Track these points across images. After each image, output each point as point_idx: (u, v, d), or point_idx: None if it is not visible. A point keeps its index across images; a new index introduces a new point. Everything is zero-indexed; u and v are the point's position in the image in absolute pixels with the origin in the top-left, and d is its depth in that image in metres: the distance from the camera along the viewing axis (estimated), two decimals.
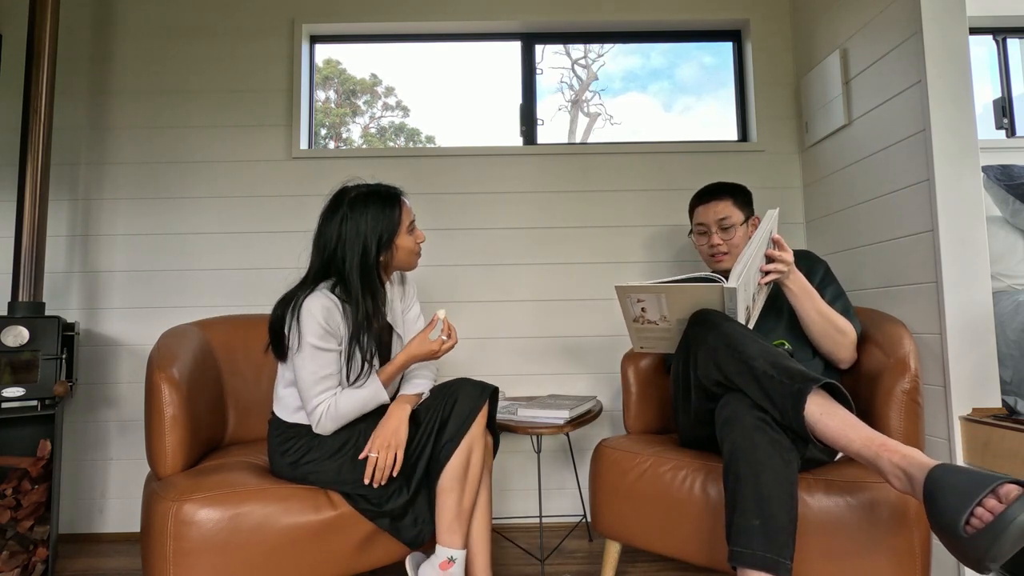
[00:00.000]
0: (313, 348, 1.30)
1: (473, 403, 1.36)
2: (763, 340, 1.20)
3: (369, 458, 1.29)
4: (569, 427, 1.58)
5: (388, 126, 3.11)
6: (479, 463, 1.36)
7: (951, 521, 0.87)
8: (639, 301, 1.31)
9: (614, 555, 1.53)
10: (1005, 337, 1.59)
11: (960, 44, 1.52)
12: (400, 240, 1.40)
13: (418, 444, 1.34)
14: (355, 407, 1.33)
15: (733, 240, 1.59)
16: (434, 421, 1.35)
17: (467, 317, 2.18)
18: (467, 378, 1.42)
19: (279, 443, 1.37)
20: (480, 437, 1.36)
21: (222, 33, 2.25)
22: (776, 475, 1.06)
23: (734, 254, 1.58)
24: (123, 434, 2.10)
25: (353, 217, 1.36)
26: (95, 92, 2.21)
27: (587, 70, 2.58)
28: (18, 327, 1.76)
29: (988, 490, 0.85)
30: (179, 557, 1.19)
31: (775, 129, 2.27)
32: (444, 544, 1.31)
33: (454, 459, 1.32)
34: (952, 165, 1.50)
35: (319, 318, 1.29)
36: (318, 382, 1.31)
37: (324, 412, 1.31)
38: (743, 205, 1.63)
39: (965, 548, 0.85)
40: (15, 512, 1.68)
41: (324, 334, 1.30)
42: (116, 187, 2.18)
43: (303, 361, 1.30)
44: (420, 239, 1.46)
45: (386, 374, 1.36)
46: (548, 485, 2.15)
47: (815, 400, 1.07)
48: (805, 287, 1.39)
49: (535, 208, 2.22)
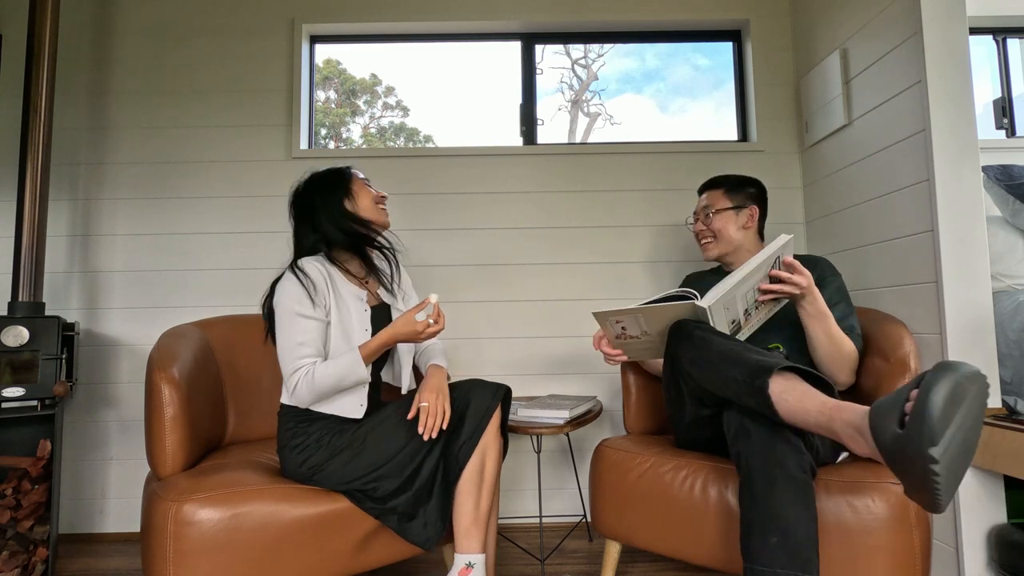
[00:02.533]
0: (291, 314, 1.31)
1: (487, 403, 1.34)
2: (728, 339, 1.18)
3: (421, 408, 1.29)
4: (569, 427, 1.58)
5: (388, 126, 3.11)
6: (493, 466, 1.34)
7: (888, 431, 0.87)
8: (618, 322, 1.33)
9: (614, 555, 1.53)
10: (1005, 337, 1.59)
11: (960, 44, 1.52)
12: (355, 187, 1.46)
13: (424, 444, 1.32)
14: (332, 377, 1.30)
15: (715, 226, 1.62)
16: None
17: (467, 317, 2.18)
18: (478, 379, 1.40)
19: (290, 436, 1.34)
20: (495, 439, 1.34)
21: (222, 33, 2.25)
22: (792, 488, 1.04)
23: (721, 239, 1.61)
24: (123, 434, 2.10)
25: (307, 189, 1.46)
26: (95, 92, 2.21)
27: (587, 70, 2.58)
28: (18, 327, 1.76)
29: (909, 388, 0.88)
30: (179, 557, 1.19)
31: (775, 129, 2.27)
32: (462, 551, 1.28)
33: (472, 462, 1.30)
34: (952, 165, 1.50)
35: (299, 282, 1.33)
36: (295, 348, 1.30)
37: (301, 378, 1.29)
38: (734, 194, 1.63)
39: (905, 444, 0.84)
40: (15, 512, 1.68)
41: (303, 297, 1.32)
42: (116, 187, 2.18)
43: (281, 328, 1.32)
44: (381, 192, 1.51)
45: (368, 349, 1.32)
46: (548, 485, 2.15)
47: (776, 386, 1.05)
48: (822, 311, 1.35)
49: (535, 208, 2.23)
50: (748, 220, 1.62)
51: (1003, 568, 1.36)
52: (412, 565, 1.76)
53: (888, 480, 1.21)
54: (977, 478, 1.43)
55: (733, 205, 1.62)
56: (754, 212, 1.62)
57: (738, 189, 1.64)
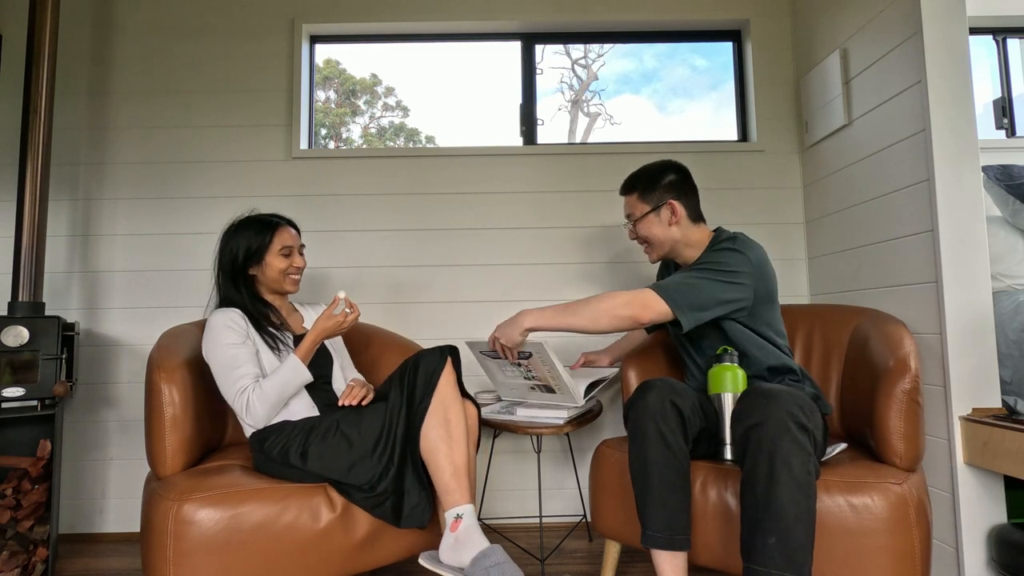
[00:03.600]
0: (218, 345, 1.40)
1: (435, 364, 1.36)
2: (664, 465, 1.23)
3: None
4: (569, 427, 1.58)
5: (388, 126, 3.11)
6: (460, 423, 1.33)
7: None
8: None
9: (614, 555, 1.53)
10: (1005, 337, 1.59)
11: (960, 44, 1.52)
12: (269, 258, 1.54)
13: (392, 418, 1.34)
14: (278, 384, 1.38)
15: (641, 233, 1.56)
16: (401, 392, 1.35)
17: (466, 317, 2.18)
18: (426, 348, 1.42)
19: (258, 444, 1.39)
20: (454, 397, 1.34)
21: (222, 33, 2.25)
22: (796, 489, 1.04)
23: (654, 244, 1.55)
24: (123, 434, 2.10)
25: (227, 237, 1.57)
26: (95, 92, 2.21)
27: (587, 70, 2.58)
28: (18, 327, 1.76)
29: None
30: (179, 557, 1.19)
31: (775, 129, 2.27)
32: (448, 506, 1.27)
33: (430, 417, 1.30)
34: (952, 165, 1.50)
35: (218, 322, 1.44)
36: (231, 371, 1.39)
37: (250, 394, 1.36)
38: (649, 195, 1.54)
39: None
40: (15, 512, 1.68)
41: (225, 330, 1.43)
42: (116, 187, 2.18)
43: (213, 359, 1.41)
44: (297, 263, 1.58)
45: (302, 350, 1.42)
46: (548, 485, 2.15)
47: None
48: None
49: (535, 208, 2.22)
50: (671, 216, 1.51)
51: (1003, 568, 1.36)
52: (412, 565, 1.76)
53: (888, 480, 1.22)
54: (977, 478, 1.43)
55: (651, 208, 1.53)
56: (674, 207, 1.50)
57: (652, 188, 1.53)
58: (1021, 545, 1.32)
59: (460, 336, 2.16)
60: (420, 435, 1.30)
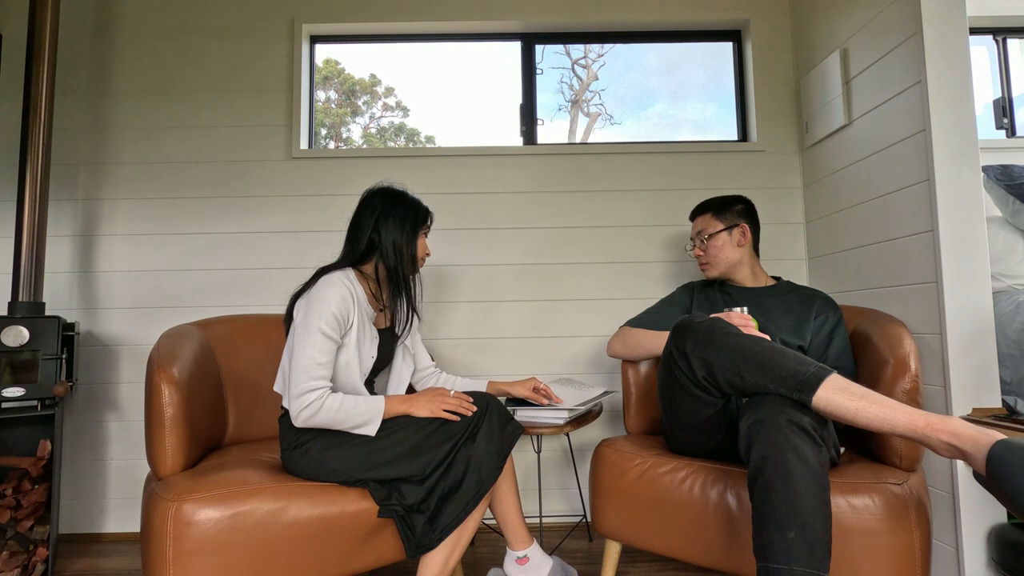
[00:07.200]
0: (319, 332, 1.29)
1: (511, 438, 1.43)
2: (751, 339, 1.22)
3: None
4: (569, 427, 1.58)
5: (388, 126, 3.11)
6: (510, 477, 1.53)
7: None
8: None
9: (614, 555, 1.53)
10: (1005, 337, 1.59)
11: (960, 44, 1.52)
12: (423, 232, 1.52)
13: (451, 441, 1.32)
14: (349, 414, 1.29)
15: (711, 249, 1.71)
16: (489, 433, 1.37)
17: (467, 317, 2.18)
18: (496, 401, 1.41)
19: (292, 437, 1.34)
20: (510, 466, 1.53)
21: (222, 33, 2.25)
22: (812, 481, 1.00)
23: (715, 263, 1.71)
24: (123, 434, 2.10)
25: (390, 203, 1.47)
26: (95, 92, 2.21)
27: (587, 70, 2.58)
28: (18, 327, 1.76)
29: None
30: (179, 557, 1.19)
31: (775, 129, 2.27)
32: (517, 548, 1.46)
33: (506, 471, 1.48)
34: (952, 165, 1.50)
35: (334, 302, 1.32)
36: (315, 367, 1.28)
37: (315, 400, 1.26)
38: (723, 215, 1.71)
39: None
40: (15, 512, 1.68)
41: (333, 321, 1.31)
42: (116, 187, 2.18)
43: (304, 342, 1.29)
44: (426, 250, 1.54)
45: (391, 403, 1.35)
46: (548, 485, 2.15)
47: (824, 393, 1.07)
48: None
49: (535, 208, 2.23)
50: (741, 238, 1.69)
51: (1003, 568, 1.36)
52: (412, 565, 1.76)
53: (888, 480, 1.22)
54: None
55: (725, 226, 1.69)
56: (745, 229, 1.69)
57: (725, 209, 1.71)
58: (1021, 545, 1.32)
59: (460, 336, 2.16)
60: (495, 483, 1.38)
